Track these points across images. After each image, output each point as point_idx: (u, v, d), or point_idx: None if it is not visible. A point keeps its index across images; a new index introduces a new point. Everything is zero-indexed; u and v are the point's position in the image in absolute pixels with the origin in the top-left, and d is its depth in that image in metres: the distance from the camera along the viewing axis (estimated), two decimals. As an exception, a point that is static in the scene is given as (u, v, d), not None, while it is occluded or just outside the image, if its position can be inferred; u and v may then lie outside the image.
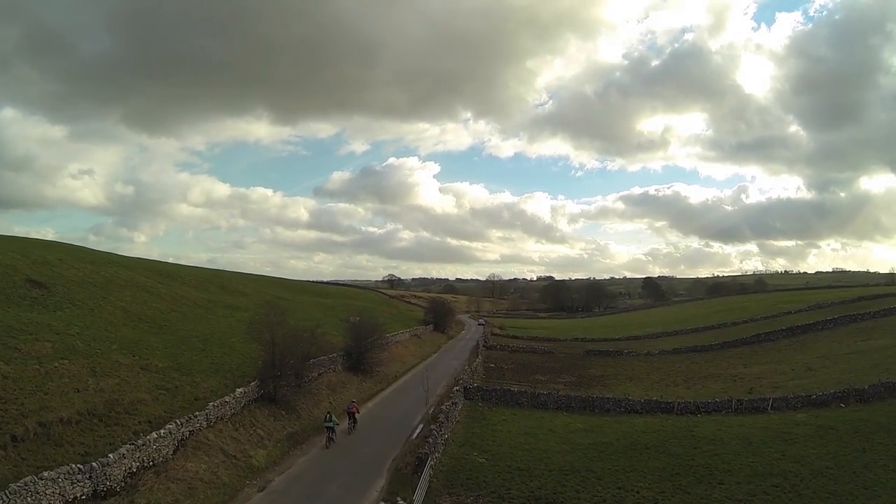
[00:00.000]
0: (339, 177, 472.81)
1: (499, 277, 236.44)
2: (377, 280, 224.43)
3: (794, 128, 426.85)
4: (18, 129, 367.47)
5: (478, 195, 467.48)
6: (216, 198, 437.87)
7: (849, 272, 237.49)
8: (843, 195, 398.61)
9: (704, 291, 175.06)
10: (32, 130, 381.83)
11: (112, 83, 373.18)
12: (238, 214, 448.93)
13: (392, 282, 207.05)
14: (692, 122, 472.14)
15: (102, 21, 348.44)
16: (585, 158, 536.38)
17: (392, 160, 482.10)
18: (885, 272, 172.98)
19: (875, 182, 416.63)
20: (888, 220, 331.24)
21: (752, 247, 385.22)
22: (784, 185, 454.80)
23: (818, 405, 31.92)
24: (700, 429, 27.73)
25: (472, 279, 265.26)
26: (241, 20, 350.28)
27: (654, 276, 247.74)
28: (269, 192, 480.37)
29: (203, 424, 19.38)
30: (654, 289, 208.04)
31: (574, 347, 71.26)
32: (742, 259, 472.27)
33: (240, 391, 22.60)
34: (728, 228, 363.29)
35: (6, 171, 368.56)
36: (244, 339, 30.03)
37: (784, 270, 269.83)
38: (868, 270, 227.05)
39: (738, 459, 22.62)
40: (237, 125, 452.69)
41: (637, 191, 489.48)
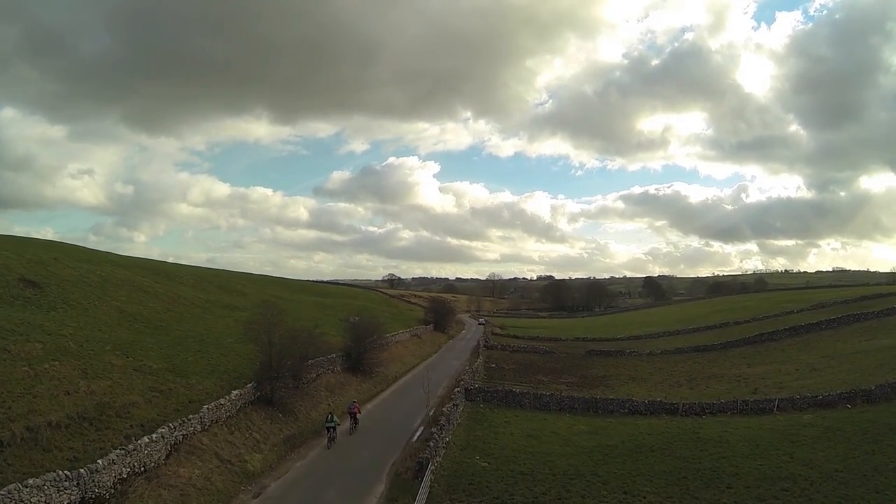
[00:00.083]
0: (339, 176, 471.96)
1: (499, 277, 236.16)
2: (377, 280, 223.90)
3: (794, 127, 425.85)
4: (18, 129, 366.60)
5: (478, 195, 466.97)
6: (216, 197, 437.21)
7: (849, 271, 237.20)
8: (844, 194, 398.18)
9: (705, 291, 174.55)
10: (32, 130, 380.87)
11: (112, 83, 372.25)
12: (238, 214, 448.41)
13: (392, 281, 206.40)
14: (692, 122, 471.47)
15: (102, 21, 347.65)
16: (585, 158, 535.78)
17: (392, 160, 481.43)
18: (886, 271, 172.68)
19: (875, 181, 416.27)
20: (888, 220, 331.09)
21: (753, 246, 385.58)
22: (784, 185, 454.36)
23: (824, 406, 31.48)
24: (706, 430, 27.24)
25: (472, 279, 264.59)
26: (241, 20, 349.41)
27: (655, 276, 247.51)
28: (269, 192, 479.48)
29: (197, 428, 18.83)
30: (655, 288, 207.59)
31: (575, 347, 70.72)
32: (742, 258, 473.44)
33: (235, 393, 22.05)
34: (728, 228, 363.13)
35: (6, 171, 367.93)
36: (241, 340, 29.49)
37: (784, 270, 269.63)
38: (868, 270, 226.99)
39: (746, 462, 22.12)
40: (237, 125, 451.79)
41: (637, 190, 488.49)
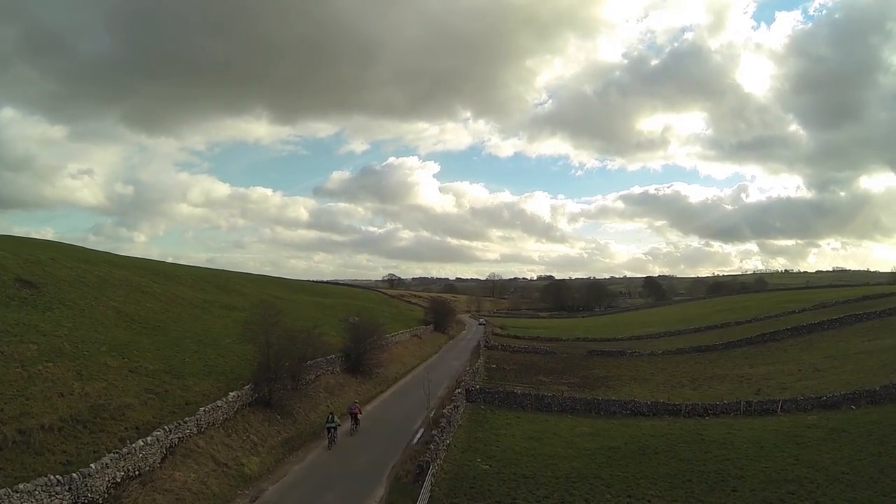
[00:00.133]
0: (339, 176, 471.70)
1: (499, 277, 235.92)
2: (377, 280, 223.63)
3: (794, 127, 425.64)
4: (18, 129, 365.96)
5: (477, 195, 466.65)
6: (216, 198, 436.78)
7: (849, 271, 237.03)
8: (843, 194, 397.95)
9: (705, 291, 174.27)
10: (32, 130, 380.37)
11: (111, 83, 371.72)
12: (238, 214, 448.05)
13: (392, 281, 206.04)
14: (692, 122, 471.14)
15: (102, 21, 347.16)
16: (585, 158, 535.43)
17: (392, 160, 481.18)
18: (886, 271, 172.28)
19: (875, 181, 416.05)
20: (888, 220, 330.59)
21: (752, 246, 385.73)
22: (784, 185, 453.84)
23: (828, 407, 31.21)
24: (709, 432, 26.93)
25: (472, 279, 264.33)
26: (241, 20, 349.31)
27: (655, 276, 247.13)
28: (269, 192, 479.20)
29: (193, 430, 18.46)
30: (655, 288, 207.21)
31: (576, 347, 70.43)
32: (742, 258, 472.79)
33: (233, 395, 21.68)
34: (728, 228, 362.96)
35: (6, 172, 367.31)
36: (240, 341, 29.13)
37: (784, 270, 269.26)
38: (868, 270, 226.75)
39: (751, 465, 21.81)
40: (237, 125, 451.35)
41: (637, 190, 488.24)
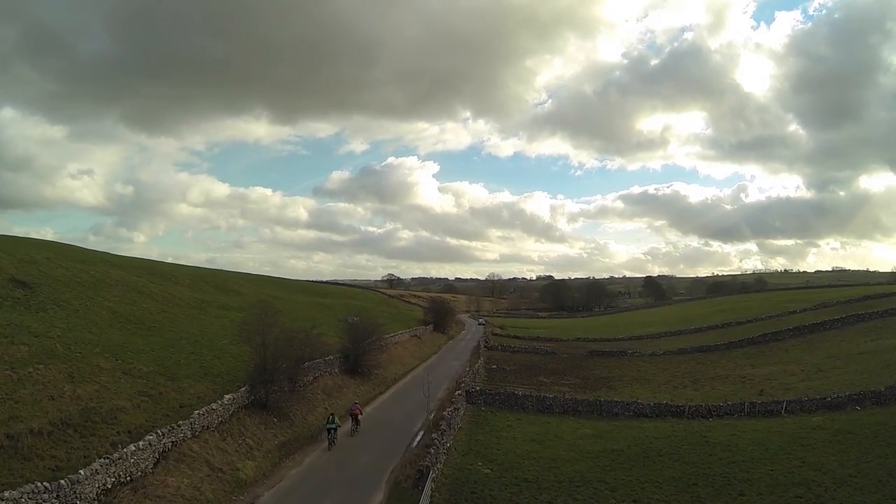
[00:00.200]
0: (339, 176, 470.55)
1: (498, 277, 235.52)
2: (377, 280, 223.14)
3: (794, 126, 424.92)
4: (17, 130, 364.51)
5: (477, 194, 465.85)
6: (215, 198, 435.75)
7: (849, 271, 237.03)
8: (843, 194, 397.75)
9: (704, 290, 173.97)
10: (32, 130, 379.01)
11: (111, 83, 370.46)
12: (237, 214, 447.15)
13: (391, 281, 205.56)
14: (691, 122, 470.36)
15: (102, 21, 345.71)
16: (585, 158, 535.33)
17: (391, 160, 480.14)
18: (886, 271, 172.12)
19: (875, 181, 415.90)
20: (888, 219, 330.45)
21: (752, 246, 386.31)
22: (783, 184, 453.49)
23: (833, 408, 30.85)
24: (713, 434, 26.51)
25: (472, 279, 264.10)
26: (240, 20, 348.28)
27: (654, 276, 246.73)
28: (269, 192, 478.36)
29: (187, 434, 17.99)
30: (655, 288, 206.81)
31: (576, 347, 70.01)
32: (741, 258, 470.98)
33: (228, 397, 21.19)
34: (727, 227, 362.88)
35: (5, 172, 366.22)
36: (236, 342, 28.69)
37: (784, 269, 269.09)
38: (868, 269, 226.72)
39: (757, 467, 21.40)
40: (236, 125, 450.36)
41: (636, 190, 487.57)
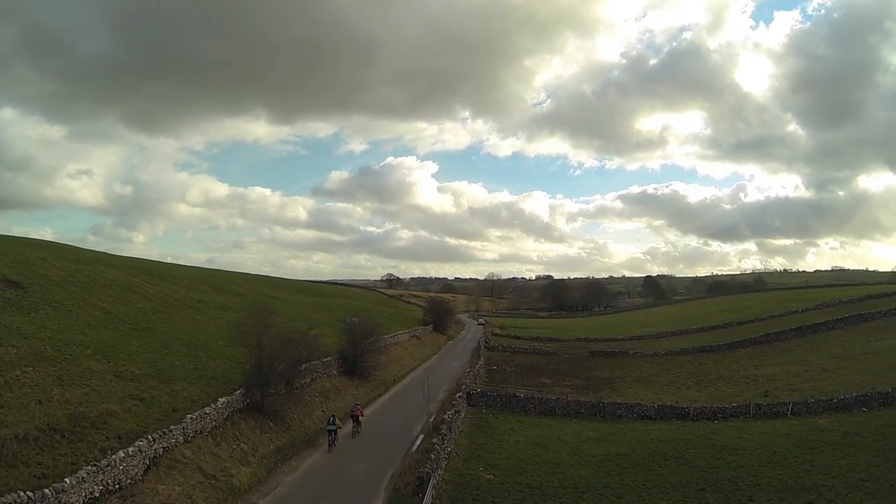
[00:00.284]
0: (338, 176, 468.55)
1: (498, 276, 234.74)
2: (376, 280, 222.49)
3: (793, 126, 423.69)
4: (17, 130, 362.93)
5: (476, 194, 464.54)
6: (215, 198, 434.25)
7: (848, 271, 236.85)
8: (842, 194, 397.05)
9: (704, 290, 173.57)
10: (31, 131, 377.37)
11: (110, 83, 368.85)
12: (237, 214, 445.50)
13: (391, 281, 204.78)
14: (690, 121, 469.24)
15: (101, 21, 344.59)
16: (584, 157, 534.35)
17: (390, 159, 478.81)
18: (886, 270, 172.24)
19: (874, 180, 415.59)
20: (887, 219, 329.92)
21: (751, 245, 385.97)
22: (782, 184, 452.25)
23: (840, 409, 30.44)
24: (720, 436, 25.99)
25: (471, 278, 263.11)
26: (240, 20, 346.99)
27: (653, 275, 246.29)
28: (268, 192, 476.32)
29: (179, 439, 17.37)
30: (655, 288, 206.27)
31: (577, 348, 69.49)
32: (741, 258, 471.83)
33: (223, 401, 20.56)
34: (727, 227, 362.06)
35: (5, 172, 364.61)
36: (233, 343, 28.08)
37: (783, 269, 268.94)
38: (867, 269, 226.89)
39: (765, 472, 20.87)
40: (236, 125, 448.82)
41: (635, 190, 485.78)
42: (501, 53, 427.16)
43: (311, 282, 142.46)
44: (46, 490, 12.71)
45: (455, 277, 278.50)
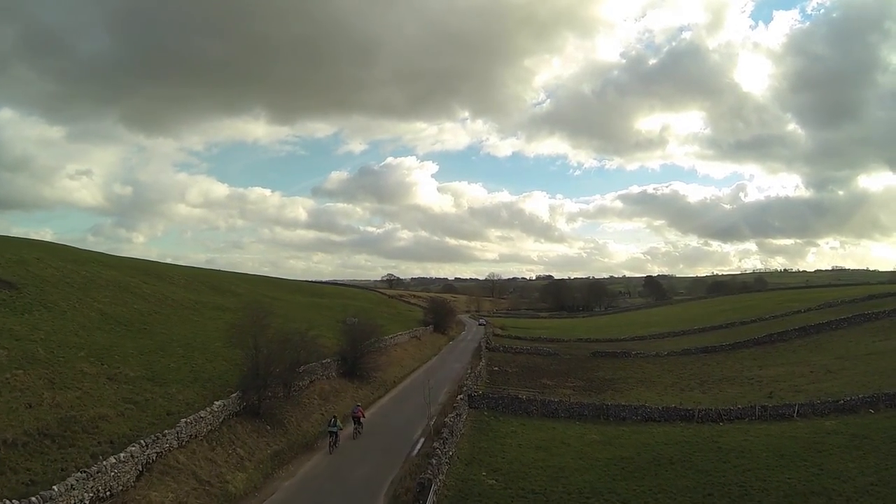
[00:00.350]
0: (338, 176, 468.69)
1: (498, 277, 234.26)
2: (376, 280, 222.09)
3: (793, 126, 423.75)
4: (16, 130, 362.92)
5: (476, 194, 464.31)
6: (214, 198, 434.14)
7: (848, 270, 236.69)
8: (842, 193, 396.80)
9: (705, 290, 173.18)
10: (30, 131, 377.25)
11: (110, 83, 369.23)
12: (236, 214, 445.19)
13: (391, 281, 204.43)
14: (690, 121, 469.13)
15: (101, 21, 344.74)
16: (583, 157, 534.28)
17: (390, 160, 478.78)
18: (886, 270, 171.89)
19: (873, 180, 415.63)
20: (887, 219, 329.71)
21: (751, 245, 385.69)
22: (782, 184, 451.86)
23: (847, 411, 29.98)
24: (725, 439, 25.52)
25: (471, 279, 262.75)
26: (239, 20, 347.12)
27: (654, 275, 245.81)
28: (268, 192, 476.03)
29: (173, 444, 16.88)
30: (656, 288, 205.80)
31: (579, 348, 69.00)
32: (741, 258, 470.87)
33: (218, 404, 20.06)
34: (727, 227, 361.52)
35: (4, 172, 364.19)
36: (230, 344, 27.58)
37: (783, 269, 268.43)
38: (868, 269, 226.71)
39: (773, 475, 20.41)
40: (235, 125, 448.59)
41: (635, 190, 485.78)
42: (501, 53, 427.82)
43: (310, 282, 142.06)
44: (33, 498, 12.22)
45: (455, 278, 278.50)
